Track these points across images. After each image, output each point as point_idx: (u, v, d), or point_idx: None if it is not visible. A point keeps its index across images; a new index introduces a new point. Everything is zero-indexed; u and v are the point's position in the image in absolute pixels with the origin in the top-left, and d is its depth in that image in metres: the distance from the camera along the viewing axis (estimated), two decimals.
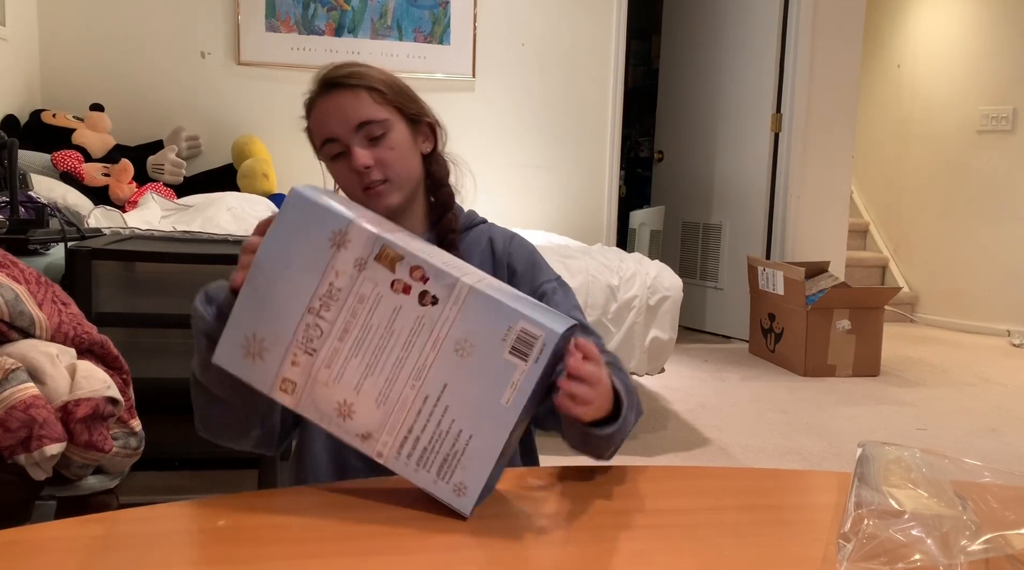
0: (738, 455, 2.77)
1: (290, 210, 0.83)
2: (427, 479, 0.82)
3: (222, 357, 0.86)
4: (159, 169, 3.46)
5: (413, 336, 0.81)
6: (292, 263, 0.83)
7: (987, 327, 5.14)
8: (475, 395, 0.81)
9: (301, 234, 0.83)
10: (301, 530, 0.79)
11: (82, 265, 1.90)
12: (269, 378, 0.84)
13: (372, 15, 4.04)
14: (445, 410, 0.81)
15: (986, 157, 5.17)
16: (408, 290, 0.81)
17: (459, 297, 0.81)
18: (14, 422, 1.14)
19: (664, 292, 2.82)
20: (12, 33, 3.47)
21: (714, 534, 0.80)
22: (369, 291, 0.82)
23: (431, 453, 0.81)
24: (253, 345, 0.84)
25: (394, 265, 0.81)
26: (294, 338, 0.83)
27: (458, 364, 0.81)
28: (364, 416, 0.82)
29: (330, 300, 0.82)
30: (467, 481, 0.81)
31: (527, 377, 0.80)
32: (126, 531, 0.79)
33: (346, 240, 0.82)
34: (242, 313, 0.84)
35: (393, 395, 0.82)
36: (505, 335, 0.80)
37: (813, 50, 4.41)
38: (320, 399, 0.83)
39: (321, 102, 1.15)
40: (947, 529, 0.73)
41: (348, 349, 0.82)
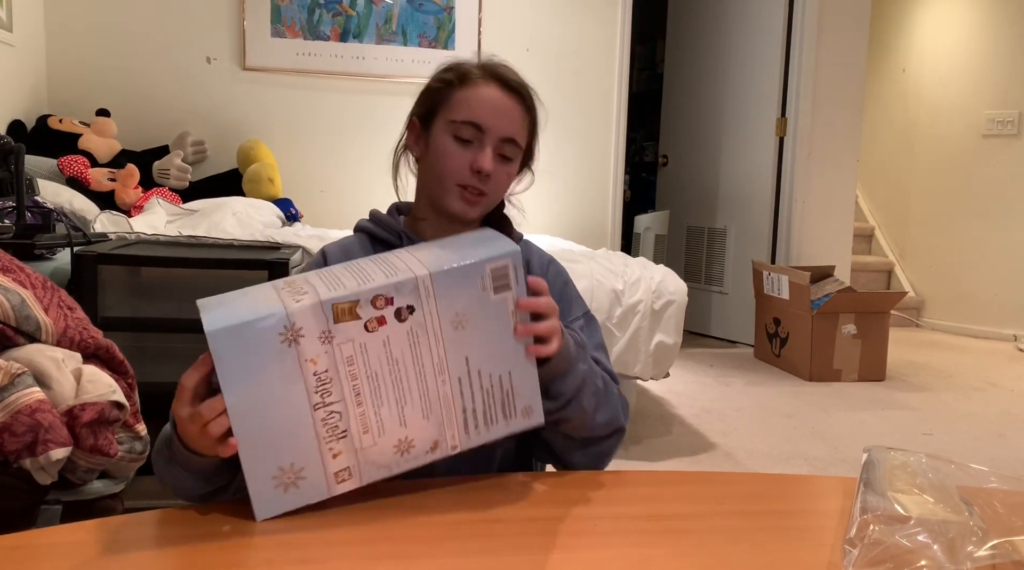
0: (743, 460, 2.77)
1: (224, 350, 0.77)
2: (500, 428, 0.87)
3: (265, 509, 0.81)
4: (165, 174, 3.47)
5: (415, 349, 0.82)
6: (266, 390, 0.79)
7: (993, 332, 5.12)
8: (494, 345, 0.85)
9: (251, 361, 0.78)
10: (306, 535, 0.79)
11: (88, 270, 1.90)
12: (323, 486, 0.82)
13: (377, 20, 4.05)
14: (479, 374, 0.85)
15: (992, 161, 5.16)
16: (383, 321, 0.81)
17: (426, 291, 0.81)
18: (20, 426, 1.15)
19: (669, 296, 2.81)
20: (19, 38, 3.49)
21: (719, 539, 0.80)
22: (352, 348, 0.80)
23: (490, 409, 0.86)
24: (288, 475, 0.81)
25: (354, 312, 0.80)
26: (320, 440, 0.81)
27: (465, 336, 0.83)
28: (422, 435, 0.85)
29: (325, 385, 0.80)
30: (528, 402, 0.88)
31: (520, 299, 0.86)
32: (131, 536, 0.79)
33: (296, 331, 0.78)
34: (255, 463, 0.80)
35: (433, 401, 0.84)
36: (483, 284, 0.83)
37: (818, 54, 4.40)
38: (379, 458, 0.84)
39: (492, 88, 1.11)
40: (953, 535, 0.73)
41: (372, 404, 0.82)
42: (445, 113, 1.12)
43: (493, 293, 0.83)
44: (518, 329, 0.87)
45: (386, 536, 0.78)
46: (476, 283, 0.82)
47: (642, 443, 2.90)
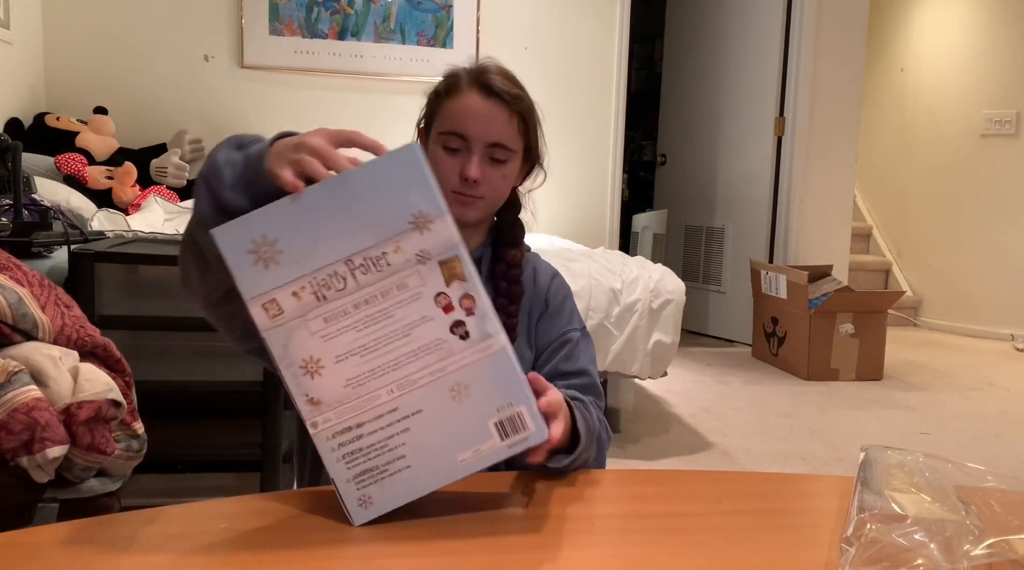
0: (741, 459, 2.77)
1: (399, 162, 0.76)
2: (342, 474, 0.80)
3: (224, 237, 0.76)
4: (162, 172, 3.47)
5: (423, 352, 0.79)
6: (363, 208, 0.76)
7: (991, 331, 5.13)
8: (439, 437, 0.80)
9: (392, 190, 0.76)
10: (304, 533, 0.79)
11: (85, 268, 1.90)
12: (258, 287, 0.77)
13: (375, 19, 4.04)
14: (403, 431, 0.80)
15: (990, 161, 5.16)
16: (448, 310, 0.79)
17: (488, 349, 0.79)
18: (17, 424, 1.15)
19: (667, 296, 2.81)
20: (17, 36, 3.48)
21: (716, 538, 0.80)
22: (412, 285, 0.78)
23: (363, 456, 0.80)
24: (265, 248, 0.76)
25: (451, 280, 0.78)
26: (313, 273, 0.77)
27: (443, 401, 0.79)
28: (326, 386, 0.79)
29: (372, 267, 0.77)
30: (377, 500, 0.80)
31: (494, 453, 0.80)
32: (128, 534, 0.79)
33: (427, 227, 0.77)
34: (277, 211, 0.77)
35: (368, 387, 0.79)
36: (501, 407, 0.80)
37: (816, 54, 4.41)
38: (294, 342, 0.78)
39: (475, 96, 1.13)
40: (950, 534, 0.73)
41: (356, 320, 0.78)
42: (436, 124, 1.16)
43: (493, 421, 0.80)
44: (532, 458, 0.84)
45: (385, 534, 0.78)
46: (502, 399, 0.80)
47: (640, 442, 2.90)
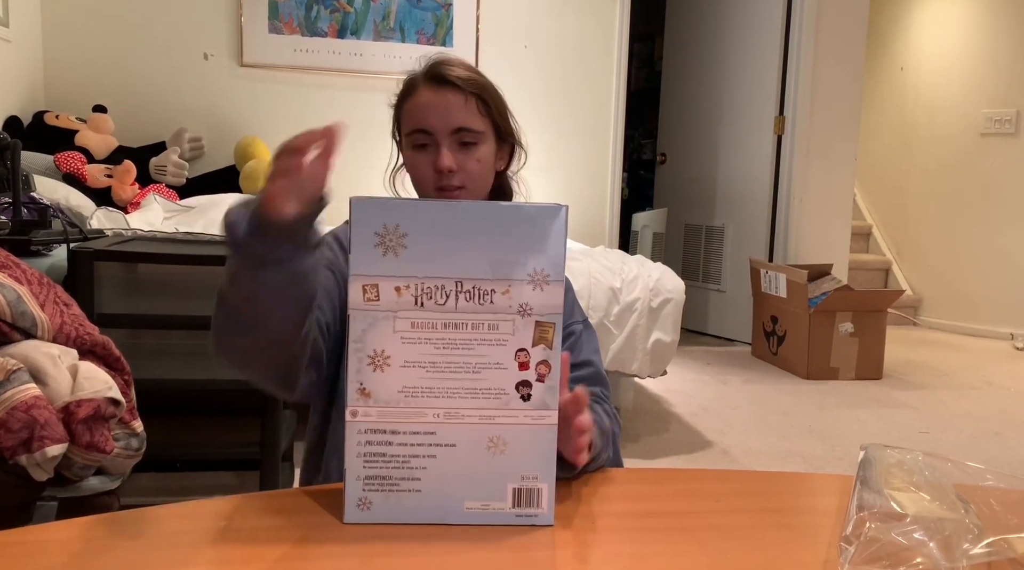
0: (740, 458, 2.77)
1: (546, 216, 0.78)
2: (356, 469, 0.79)
3: (360, 209, 0.77)
4: (162, 170, 3.47)
5: (483, 394, 0.79)
6: (496, 241, 0.78)
7: (990, 330, 5.13)
8: (459, 477, 0.80)
9: (528, 238, 0.78)
10: (303, 532, 0.79)
11: (84, 266, 1.90)
12: (369, 268, 0.77)
13: (375, 17, 4.04)
14: (430, 456, 0.80)
15: (989, 160, 5.16)
16: (523, 368, 0.79)
17: (541, 419, 0.80)
18: (16, 423, 1.14)
19: (666, 294, 2.81)
20: (16, 34, 3.48)
21: (716, 537, 0.80)
22: (503, 331, 0.79)
23: (383, 462, 0.80)
24: (392, 237, 0.77)
25: (539, 342, 0.79)
26: (423, 278, 0.77)
27: (478, 447, 0.80)
28: (383, 383, 0.79)
29: (477, 297, 0.78)
30: (375, 508, 0.80)
31: (499, 516, 0.81)
32: (127, 532, 0.79)
33: (541, 286, 0.78)
34: (419, 208, 0.78)
35: (419, 402, 0.79)
36: (526, 476, 0.80)
37: (816, 53, 4.41)
38: (375, 331, 0.78)
39: (427, 92, 1.16)
40: (949, 533, 0.73)
41: (439, 337, 0.78)
42: (403, 128, 1.19)
43: (512, 485, 0.81)
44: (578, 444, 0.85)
45: (384, 534, 0.78)
46: (529, 471, 0.81)
47: (639, 441, 2.90)
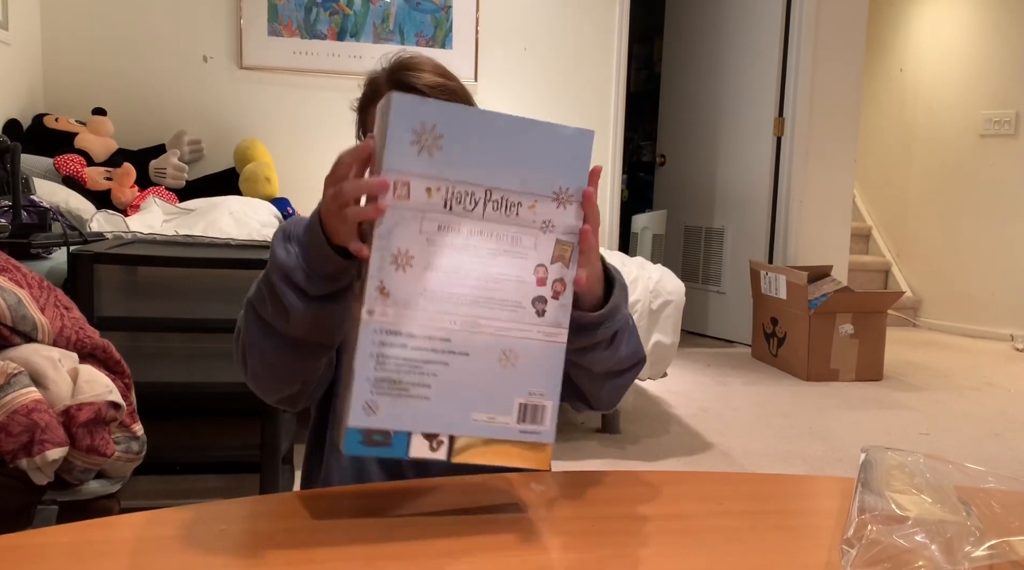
0: (740, 460, 2.77)
1: (575, 138, 0.79)
2: (366, 370, 0.77)
3: (400, 106, 0.76)
4: (161, 173, 3.47)
5: (499, 305, 0.79)
6: (527, 156, 0.78)
7: (990, 331, 5.13)
8: (468, 387, 0.79)
9: (557, 156, 0.79)
10: (303, 535, 0.78)
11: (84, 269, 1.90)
12: (402, 165, 0.76)
13: (374, 19, 4.04)
14: (443, 364, 0.78)
15: (989, 161, 5.16)
16: (540, 284, 0.80)
17: (552, 336, 0.80)
18: (16, 426, 1.14)
19: (666, 296, 2.81)
20: (15, 37, 3.48)
21: (717, 539, 0.80)
22: (525, 244, 0.79)
23: (395, 365, 0.77)
24: (429, 136, 0.76)
25: (557, 260, 0.80)
26: (455, 182, 0.77)
27: (490, 358, 0.79)
28: (403, 284, 0.77)
29: (504, 208, 0.78)
30: (382, 413, 0.77)
31: (504, 430, 0.80)
32: (127, 536, 0.79)
33: (565, 205, 0.80)
34: (458, 113, 0.77)
35: (437, 306, 0.78)
36: (533, 392, 0.80)
37: (815, 54, 4.41)
38: (401, 230, 0.77)
39: None
40: (951, 535, 0.73)
41: (464, 243, 0.78)
42: (367, 133, 1.16)
43: (519, 400, 0.80)
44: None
45: (385, 536, 0.78)
46: (537, 386, 0.81)
47: (639, 443, 2.90)
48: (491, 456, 0.81)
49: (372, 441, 0.78)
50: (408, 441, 0.79)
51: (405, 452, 0.79)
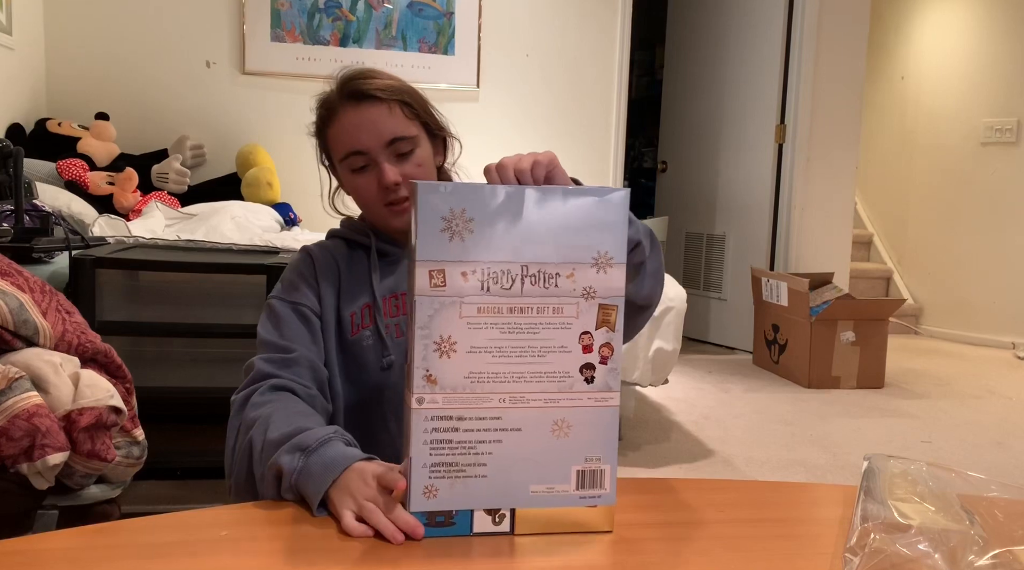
0: (742, 467, 2.76)
1: (610, 200, 0.79)
2: (422, 457, 0.78)
3: (426, 195, 0.76)
4: (163, 178, 3.47)
5: (547, 378, 0.79)
6: (561, 226, 0.78)
7: (992, 339, 5.13)
8: (524, 461, 0.80)
9: (592, 222, 0.79)
10: (305, 541, 0.78)
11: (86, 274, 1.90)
12: (435, 254, 0.76)
13: (377, 25, 4.05)
14: (496, 441, 0.79)
15: (990, 169, 5.16)
16: (587, 351, 0.80)
17: (605, 401, 0.80)
18: (17, 431, 1.14)
19: (668, 303, 2.81)
20: (18, 42, 3.49)
21: (719, 547, 0.80)
22: (567, 314, 0.79)
23: (449, 449, 0.78)
24: (459, 222, 0.77)
25: (602, 324, 0.79)
26: (489, 263, 0.77)
27: (543, 431, 0.80)
28: (449, 369, 0.78)
29: (542, 281, 0.78)
30: (441, 496, 0.79)
31: (564, 499, 0.81)
32: (128, 541, 0.78)
33: (605, 269, 0.79)
34: (485, 194, 0.77)
35: (485, 387, 0.78)
36: (590, 458, 0.81)
37: (817, 61, 4.41)
38: (441, 317, 0.77)
39: (350, 112, 1.14)
40: (954, 544, 0.72)
41: (505, 322, 0.78)
42: (333, 155, 1.18)
43: (576, 468, 0.81)
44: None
45: (383, 544, 0.78)
46: (592, 453, 0.82)
47: (641, 450, 2.90)
48: (554, 525, 0.82)
49: (435, 522, 0.79)
50: (471, 519, 0.80)
51: (469, 529, 0.80)
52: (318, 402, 1.08)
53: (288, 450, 0.89)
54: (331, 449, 0.89)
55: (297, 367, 1.08)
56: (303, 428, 0.92)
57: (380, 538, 0.78)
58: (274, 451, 0.91)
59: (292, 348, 1.09)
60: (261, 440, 0.94)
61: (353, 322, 1.15)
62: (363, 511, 0.80)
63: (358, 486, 0.83)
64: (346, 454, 0.88)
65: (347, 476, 0.84)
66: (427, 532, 0.79)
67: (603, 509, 0.82)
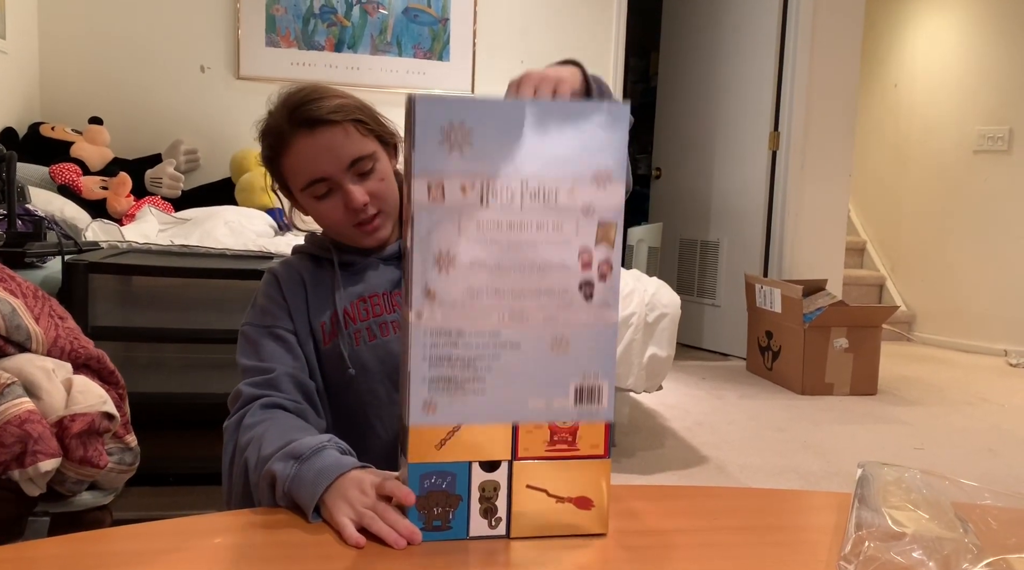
0: (736, 474, 2.76)
1: (611, 115, 0.78)
2: (421, 371, 0.77)
3: (424, 107, 0.75)
4: (157, 182, 3.46)
5: (546, 294, 0.79)
6: (562, 140, 0.78)
7: (984, 346, 5.14)
8: (523, 376, 0.79)
9: (592, 137, 0.78)
10: (298, 548, 0.78)
11: (79, 279, 1.89)
12: (433, 165, 0.76)
13: (372, 31, 4.05)
14: (495, 357, 0.79)
15: (982, 177, 5.19)
16: (586, 268, 0.79)
17: (603, 319, 0.80)
18: (9, 437, 1.14)
19: (662, 309, 2.81)
20: (12, 46, 3.48)
21: (713, 555, 0.80)
22: (567, 230, 0.78)
23: (448, 364, 0.78)
24: (457, 133, 0.76)
25: (601, 241, 0.79)
26: (489, 176, 0.77)
27: (542, 347, 0.80)
28: (448, 284, 0.77)
29: (542, 196, 0.78)
30: (440, 410, 0.78)
31: (562, 413, 0.81)
32: (121, 549, 0.78)
33: (605, 185, 0.78)
34: (485, 105, 0.77)
35: (484, 303, 0.78)
36: (588, 375, 0.81)
37: (811, 69, 4.43)
38: (440, 231, 0.76)
39: (304, 140, 1.10)
40: (948, 552, 0.73)
41: (504, 237, 0.77)
42: (291, 185, 1.16)
43: (574, 385, 0.81)
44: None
45: (378, 550, 0.78)
46: (592, 370, 0.82)
47: (634, 456, 2.90)
48: (549, 529, 0.81)
49: (432, 527, 0.80)
50: (467, 523, 0.80)
51: (465, 533, 0.80)
52: (309, 415, 1.08)
53: (281, 458, 0.89)
54: (325, 456, 0.88)
55: (281, 384, 1.08)
56: (297, 439, 0.92)
57: (377, 542, 0.78)
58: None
59: (272, 368, 1.10)
60: (255, 458, 0.94)
61: (324, 331, 1.16)
62: (363, 520, 0.80)
63: (356, 495, 0.82)
64: (340, 461, 0.88)
65: (343, 484, 0.84)
66: (424, 537, 0.79)
67: (596, 511, 0.82)
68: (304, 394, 1.10)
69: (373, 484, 0.83)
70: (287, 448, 0.90)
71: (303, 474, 0.86)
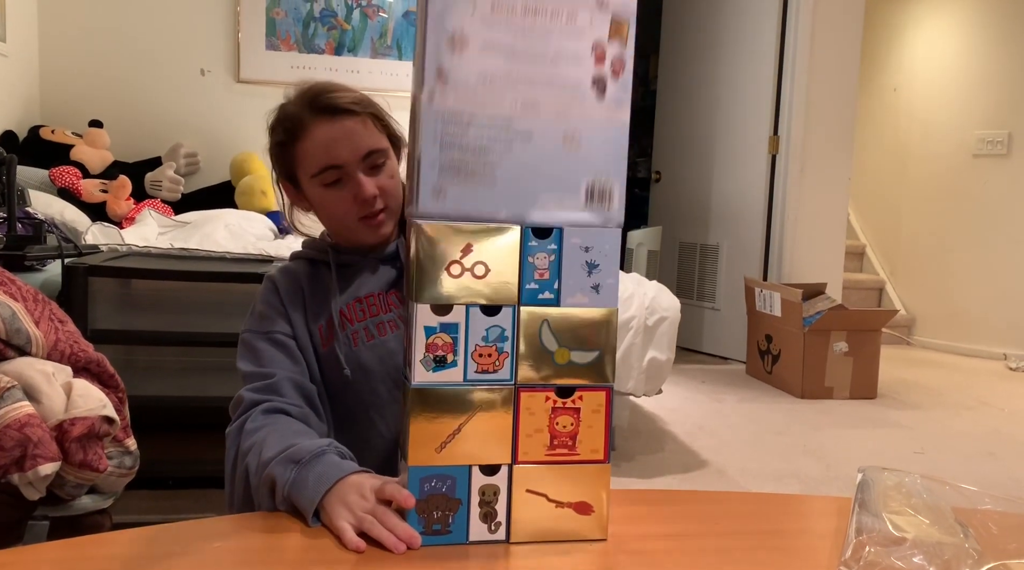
0: (736, 478, 2.76)
1: None
2: (431, 155, 0.76)
3: None
4: (157, 186, 3.47)
5: (559, 86, 0.78)
6: None
7: (984, 350, 5.14)
8: (534, 169, 0.79)
9: None
10: (298, 552, 0.78)
11: (79, 282, 1.89)
12: None
13: (372, 35, 4.06)
14: (506, 146, 0.78)
15: (982, 181, 5.19)
16: (599, 62, 0.79)
17: (615, 116, 0.80)
18: (9, 441, 1.14)
19: (662, 313, 2.81)
20: (12, 49, 3.48)
21: (713, 560, 0.80)
22: (581, 21, 0.78)
23: (459, 148, 0.77)
24: None
25: (615, 36, 0.79)
26: None
27: (554, 140, 0.79)
28: (461, 66, 0.76)
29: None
30: (451, 196, 0.77)
31: (572, 213, 0.80)
32: (119, 552, 0.78)
33: None
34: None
35: (497, 89, 0.77)
36: (599, 174, 0.80)
37: (811, 73, 4.43)
38: (454, 11, 0.76)
39: (324, 126, 1.13)
40: (949, 557, 0.72)
41: (519, 22, 0.77)
42: (301, 172, 1.17)
43: (585, 185, 0.80)
44: None
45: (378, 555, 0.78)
46: (605, 168, 0.81)
47: (634, 460, 2.89)
48: (548, 534, 0.81)
49: (432, 530, 0.79)
50: (467, 527, 0.80)
51: (465, 538, 0.80)
52: (311, 419, 1.08)
53: (281, 462, 0.89)
54: (324, 461, 0.88)
55: (282, 389, 1.09)
56: (297, 443, 0.92)
57: (376, 546, 0.78)
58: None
59: (273, 373, 1.10)
60: (256, 462, 0.94)
61: (322, 335, 1.16)
62: (363, 524, 0.80)
63: (355, 500, 0.82)
64: (340, 466, 0.88)
65: (342, 488, 0.84)
66: (424, 541, 0.79)
67: (597, 517, 0.82)
68: (305, 398, 1.10)
69: (373, 488, 0.83)
70: (287, 452, 0.90)
71: (303, 478, 0.86)
